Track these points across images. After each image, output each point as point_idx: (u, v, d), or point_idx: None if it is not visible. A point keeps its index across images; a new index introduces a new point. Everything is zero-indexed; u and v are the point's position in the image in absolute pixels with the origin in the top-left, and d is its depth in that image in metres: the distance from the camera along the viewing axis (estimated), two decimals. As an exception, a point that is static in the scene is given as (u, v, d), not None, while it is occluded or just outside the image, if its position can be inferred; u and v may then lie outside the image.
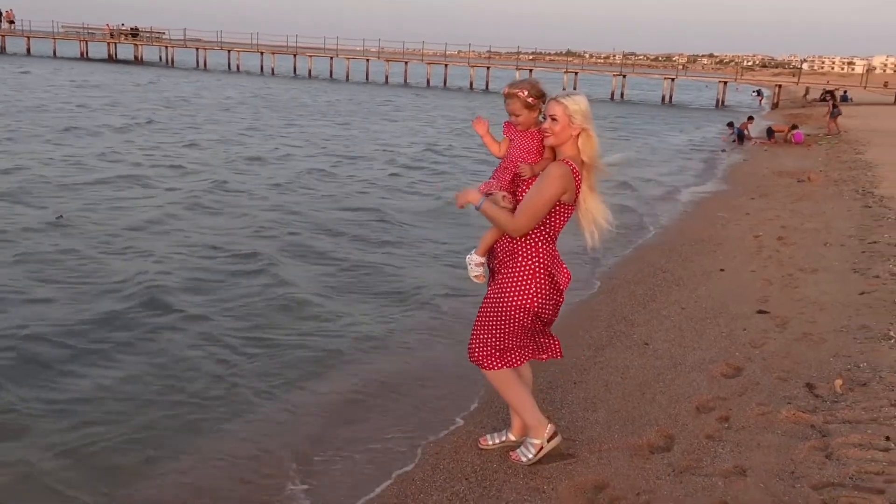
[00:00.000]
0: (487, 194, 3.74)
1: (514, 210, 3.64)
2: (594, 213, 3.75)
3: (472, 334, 3.88)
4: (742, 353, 5.51)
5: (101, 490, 3.89)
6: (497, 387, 3.95)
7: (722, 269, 7.91)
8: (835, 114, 24.54)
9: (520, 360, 3.92)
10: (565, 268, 3.83)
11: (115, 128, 18.77)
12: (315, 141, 18.93)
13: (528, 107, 3.67)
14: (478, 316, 3.87)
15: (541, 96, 3.69)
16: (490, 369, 3.87)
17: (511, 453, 4.08)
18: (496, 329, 3.77)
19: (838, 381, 4.74)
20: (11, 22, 62.25)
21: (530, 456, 3.98)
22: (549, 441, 3.97)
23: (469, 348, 3.90)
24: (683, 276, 7.76)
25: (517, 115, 3.70)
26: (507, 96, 3.71)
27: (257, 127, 21.30)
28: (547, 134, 3.63)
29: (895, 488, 3.42)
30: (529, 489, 3.80)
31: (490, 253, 3.88)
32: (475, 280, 3.96)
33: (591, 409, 4.70)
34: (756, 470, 3.79)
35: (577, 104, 3.58)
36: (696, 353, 5.58)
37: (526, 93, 3.66)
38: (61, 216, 9.24)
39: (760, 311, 6.44)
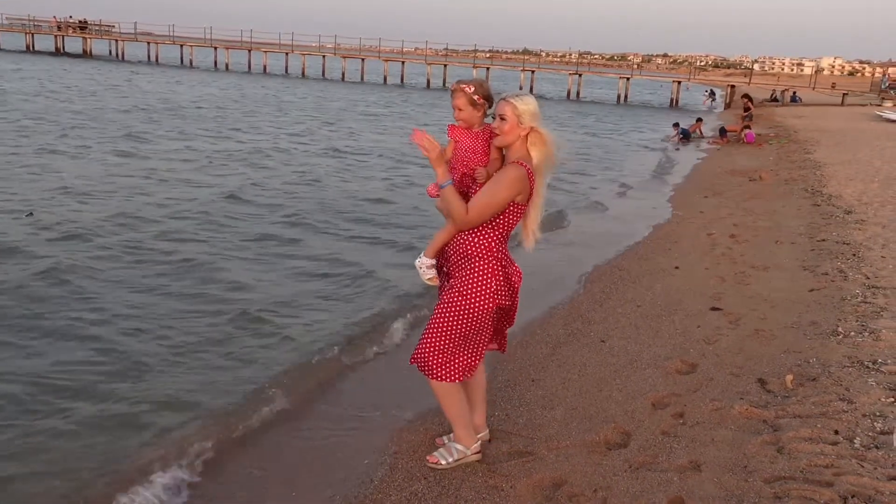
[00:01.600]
0: (436, 195, 3.70)
1: None
2: (539, 214, 3.77)
3: (423, 339, 3.76)
4: (696, 349, 5.60)
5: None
6: (440, 397, 3.88)
7: (677, 267, 8.03)
8: (747, 118, 24.16)
9: (470, 371, 3.84)
10: (517, 266, 3.82)
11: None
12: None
13: (473, 104, 3.66)
14: (431, 320, 3.76)
15: (487, 97, 3.69)
16: (439, 380, 3.77)
17: (428, 457, 4.06)
18: (454, 333, 3.69)
19: (789, 377, 4.84)
20: None
21: (450, 460, 3.99)
22: (472, 454, 4.02)
23: (417, 352, 3.78)
24: (639, 274, 7.86)
25: (461, 110, 3.68)
26: (454, 91, 3.70)
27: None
28: (496, 133, 3.62)
29: (844, 481, 3.51)
30: (488, 487, 3.80)
31: (441, 254, 3.85)
32: (428, 282, 3.92)
33: (548, 407, 4.72)
34: (710, 465, 3.85)
35: (526, 104, 3.58)
36: (652, 349, 5.65)
37: (472, 89, 3.66)
38: (31, 213, 9.13)
39: (714, 308, 6.55)
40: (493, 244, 3.66)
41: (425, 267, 3.88)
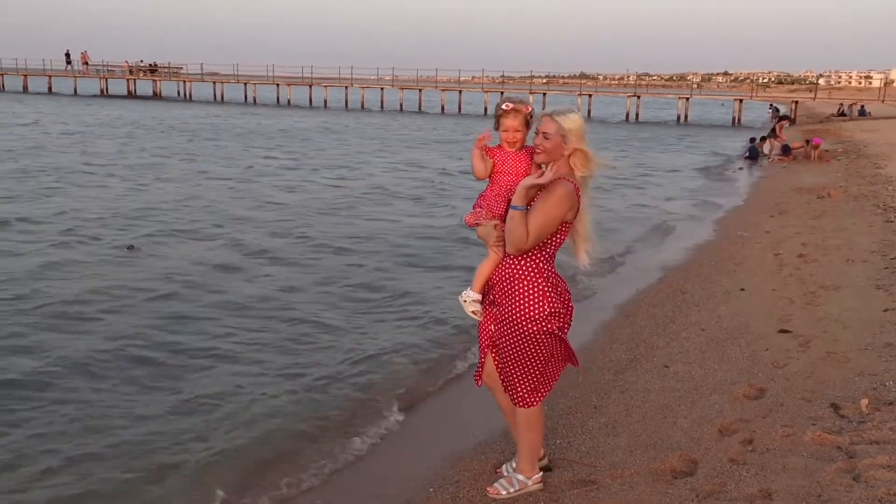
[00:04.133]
0: (476, 224, 3.66)
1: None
2: (589, 229, 3.72)
3: (508, 381, 3.75)
4: (765, 373, 5.44)
5: None
6: (525, 425, 3.85)
7: (742, 289, 7.83)
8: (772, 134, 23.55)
9: (550, 387, 3.84)
10: (564, 282, 3.76)
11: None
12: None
13: (528, 124, 3.61)
14: (502, 359, 3.73)
15: (533, 117, 3.65)
16: (528, 406, 3.78)
17: (489, 488, 4.01)
18: (526, 361, 3.66)
19: (864, 401, 4.65)
20: (86, 63, 63.34)
21: (511, 490, 3.95)
22: (534, 484, 3.97)
23: (515, 397, 3.77)
24: (703, 297, 7.69)
25: (517, 132, 3.60)
26: (510, 112, 3.58)
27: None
28: (538, 151, 3.56)
29: (926, 510, 3.34)
30: (551, 517, 3.75)
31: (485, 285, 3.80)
32: (473, 316, 3.83)
33: (612, 434, 4.65)
34: (782, 494, 3.71)
35: (572, 122, 3.50)
36: (718, 374, 5.51)
37: (530, 109, 3.62)
38: (131, 247, 9.65)
39: (782, 331, 6.36)
40: (541, 264, 3.61)
41: (471, 300, 3.80)
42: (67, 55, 64.04)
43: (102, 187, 14.96)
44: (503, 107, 3.63)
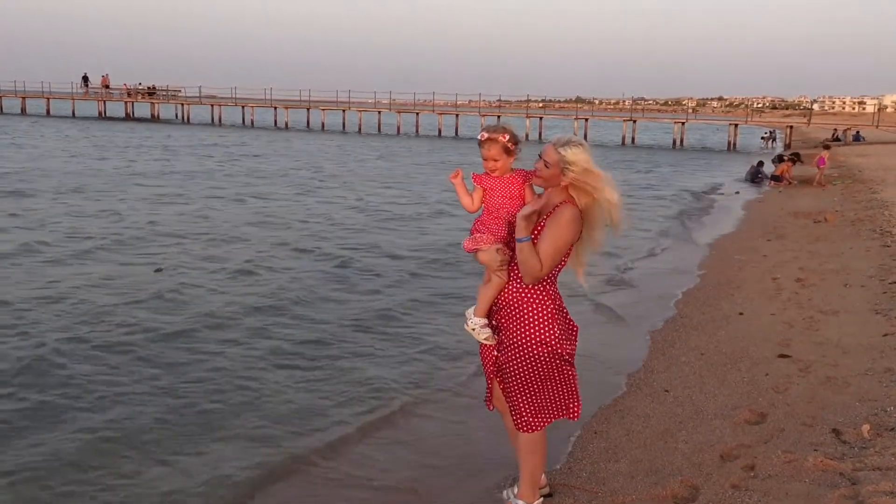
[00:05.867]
0: (475, 250, 3.62)
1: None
2: (585, 255, 3.70)
3: (513, 405, 3.71)
4: (765, 398, 5.41)
5: None
6: (526, 450, 3.81)
7: (741, 313, 7.82)
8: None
9: (555, 414, 3.78)
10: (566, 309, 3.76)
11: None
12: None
13: (507, 152, 3.60)
14: (506, 383, 3.69)
15: (517, 142, 3.63)
16: (533, 431, 3.74)
17: None
18: (532, 384, 3.64)
19: (866, 427, 4.63)
20: (107, 86, 63.51)
21: None
22: None
23: (519, 421, 3.73)
24: (702, 321, 7.68)
25: (496, 161, 3.59)
26: (487, 141, 3.58)
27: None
28: (537, 175, 3.56)
29: (931, 538, 3.31)
30: (552, 544, 3.70)
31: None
32: (485, 341, 3.74)
33: (612, 460, 4.61)
34: (785, 521, 3.68)
35: (575, 156, 3.45)
36: (719, 399, 5.48)
37: (507, 137, 3.59)
38: (160, 269, 9.75)
39: (782, 356, 6.34)
40: (547, 286, 3.60)
41: (480, 326, 3.72)
42: (85, 78, 64.27)
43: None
44: (479, 137, 3.65)
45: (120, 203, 15.81)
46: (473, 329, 3.74)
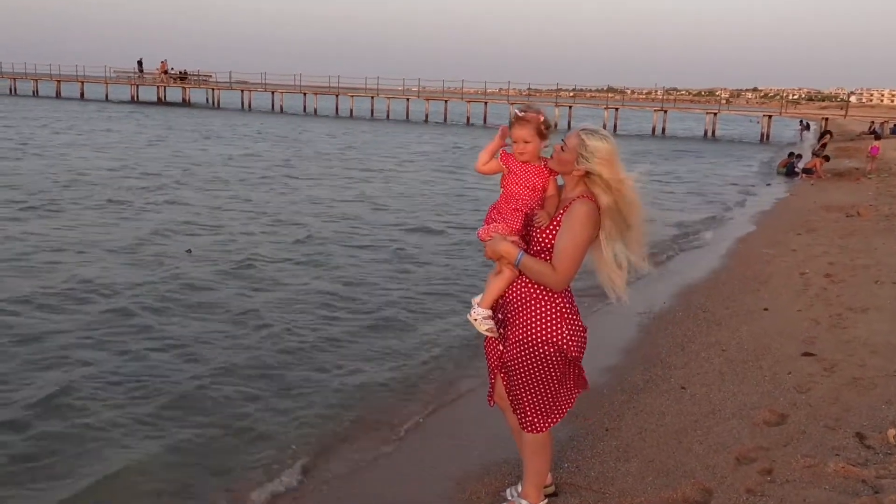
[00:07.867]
0: (490, 239, 3.43)
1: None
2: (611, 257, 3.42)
3: (518, 405, 3.55)
4: (787, 398, 5.19)
5: None
6: (532, 451, 3.66)
7: (766, 309, 7.58)
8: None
9: (562, 414, 3.62)
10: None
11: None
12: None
13: (540, 135, 3.40)
14: (512, 381, 3.52)
15: (549, 126, 3.44)
16: (536, 432, 3.58)
17: None
18: (539, 385, 3.46)
19: (891, 431, 4.41)
20: (166, 72, 64.11)
21: None
22: None
23: (524, 421, 3.56)
24: (724, 316, 7.45)
25: (527, 142, 3.38)
26: (519, 120, 3.39)
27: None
28: (553, 156, 3.37)
29: (957, 554, 3.11)
30: (554, 547, 3.56)
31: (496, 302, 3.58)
32: (486, 333, 3.58)
33: (623, 459, 4.45)
34: (801, 530, 3.50)
35: (595, 146, 3.25)
36: (738, 398, 5.27)
37: (542, 119, 3.40)
38: (189, 250, 9.92)
39: (807, 354, 6.11)
40: None
41: (481, 318, 3.56)
42: (140, 63, 64.92)
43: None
44: (511, 115, 3.46)
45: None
46: (476, 319, 3.57)
